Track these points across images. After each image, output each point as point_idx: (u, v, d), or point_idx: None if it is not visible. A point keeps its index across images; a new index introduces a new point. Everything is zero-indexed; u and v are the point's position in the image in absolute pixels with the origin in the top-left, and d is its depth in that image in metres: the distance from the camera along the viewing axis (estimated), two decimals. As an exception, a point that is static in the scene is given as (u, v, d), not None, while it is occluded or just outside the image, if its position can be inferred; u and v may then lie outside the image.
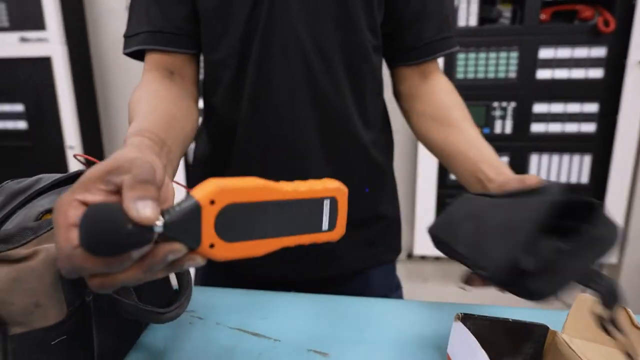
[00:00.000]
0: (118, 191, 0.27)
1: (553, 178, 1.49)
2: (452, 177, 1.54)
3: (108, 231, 0.25)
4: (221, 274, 0.67)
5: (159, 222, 0.26)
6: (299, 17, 0.54)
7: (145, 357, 0.46)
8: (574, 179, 1.48)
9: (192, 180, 0.61)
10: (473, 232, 0.38)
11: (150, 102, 0.49)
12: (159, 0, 0.56)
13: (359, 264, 0.66)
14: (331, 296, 0.57)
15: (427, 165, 1.53)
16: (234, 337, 0.49)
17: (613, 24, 1.34)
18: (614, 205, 1.43)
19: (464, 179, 0.55)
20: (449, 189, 1.54)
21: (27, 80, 1.63)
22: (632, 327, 0.43)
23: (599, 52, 1.38)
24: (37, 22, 1.57)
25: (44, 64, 1.59)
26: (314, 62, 0.55)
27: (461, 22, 1.43)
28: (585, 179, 1.47)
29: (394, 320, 0.52)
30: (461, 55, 1.44)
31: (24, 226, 0.37)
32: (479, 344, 0.39)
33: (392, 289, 0.74)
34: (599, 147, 1.44)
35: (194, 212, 0.26)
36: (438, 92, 0.63)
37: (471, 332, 0.42)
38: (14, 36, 1.59)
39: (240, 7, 0.54)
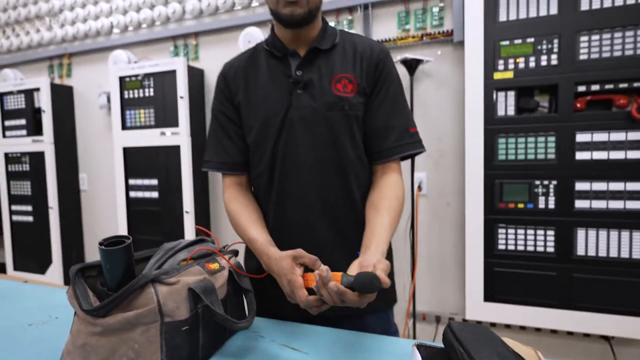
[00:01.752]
0: (302, 264, 0.75)
1: (603, 253, 1.55)
2: (499, 246, 1.67)
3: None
4: (277, 311, 0.95)
5: None
6: (304, 143, 0.89)
7: (226, 355, 0.77)
8: (625, 254, 1.52)
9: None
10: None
11: (249, 214, 0.92)
12: (224, 141, 0.97)
13: (356, 309, 0.91)
14: (343, 330, 0.84)
15: (475, 236, 1.69)
16: (282, 349, 0.77)
17: (646, 112, 1.46)
18: (671, 282, 1.43)
19: (363, 240, 0.83)
20: (496, 258, 1.67)
21: (162, 161, 2.22)
22: (538, 361, 0.62)
23: (636, 135, 1.49)
24: (173, 122, 2.16)
25: (175, 150, 2.16)
26: (315, 170, 0.90)
27: (500, 112, 1.66)
28: (637, 254, 1.50)
29: (382, 348, 0.76)
30: (501, 140, 1.65)
31: (173, 267, 0.71)
32: (421, 364, 0.62)
33: (387, 333, 0.95)
34: (649, 224, 1.49)
35: None
36: (385, 186, 0.91)
37: (423, 357, 0.64)
38: (157, 131, 2.20)
39: (269, 141, 0.91)
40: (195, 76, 2.24)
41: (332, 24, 0.91)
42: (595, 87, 1.53)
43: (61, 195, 2.58)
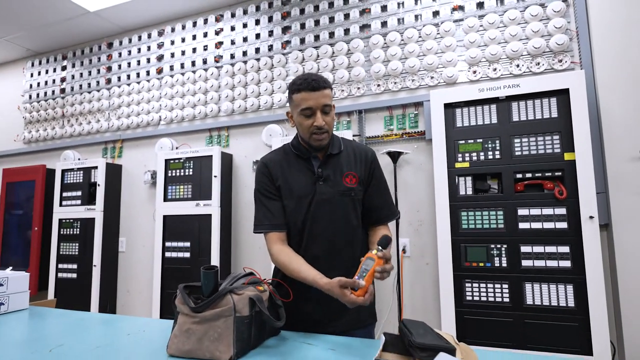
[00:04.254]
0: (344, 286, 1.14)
1: (546, 302, 1.98)
2: (467, 298, 2.10)
3: None
4: (292, 319, 1.35)
5: None
6: (323, 217, 1.36)
7: (265, 346, 1.20)
8: (562, 303, 1.95)
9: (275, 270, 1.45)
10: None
11: (297, 260, 1.32)
12: (271, 208, 1.41)
13: (350, 324, 1.35)
14: (339, 336, 1.27)
15: (447, 290, 2.12)
16: (300, 344, 1.21)
17: (565, 194, 1.98)
18: (598, 328, 1.85)
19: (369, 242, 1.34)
20: (465, 307, 2.09)
21: (195, 227, 2.71)
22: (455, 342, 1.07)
23: (561, 210, 2.00)
24: (206, 195, 2.70)
25: (207, 218, 2.67)
26: (331, 232, 1.37)
27: (462, 192, 2.19)
28: (571, 303, 1.93)
29: (364, 342, 1.20)
30: (463, 213, 2.16)
31: (239, 285, 1.18)
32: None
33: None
34: (577, 279, 1.94)
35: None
36: (380, 229, 1.40)
37: (387, 339, 1.09)
38: (192, 203, 2.73)
39: (300, 215, 1.38)
40: (226, 160, 2.82)
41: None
42: (529, 175, 2.08)
43: (103, 255, 3.04)
